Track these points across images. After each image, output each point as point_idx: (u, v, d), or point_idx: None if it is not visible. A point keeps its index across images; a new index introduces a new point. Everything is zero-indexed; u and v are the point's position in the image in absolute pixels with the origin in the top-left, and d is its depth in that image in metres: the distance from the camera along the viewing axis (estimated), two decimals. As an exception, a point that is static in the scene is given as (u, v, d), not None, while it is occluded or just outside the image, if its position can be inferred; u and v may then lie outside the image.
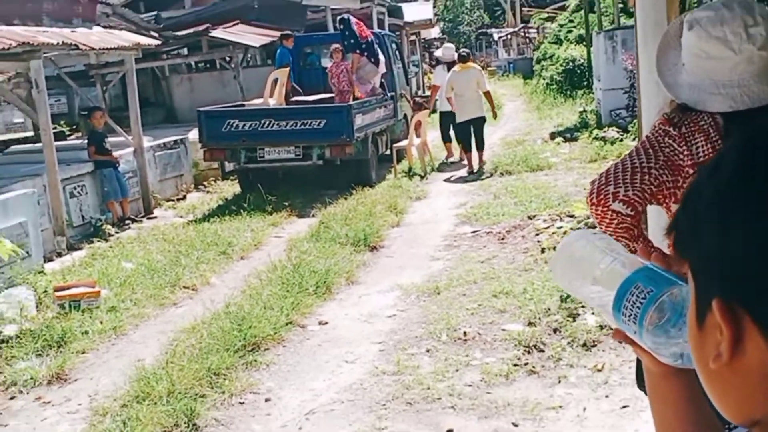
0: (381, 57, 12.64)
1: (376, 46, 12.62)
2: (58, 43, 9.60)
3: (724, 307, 0.70)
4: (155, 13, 17.25)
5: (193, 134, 12.36)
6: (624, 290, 0.98)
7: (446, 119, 13.35)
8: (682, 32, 2.25)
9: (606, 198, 2.21)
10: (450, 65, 13.07)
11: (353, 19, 12.78)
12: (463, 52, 13.12)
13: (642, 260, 1.02)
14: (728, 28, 2.09)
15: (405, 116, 14.31)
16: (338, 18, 13.76)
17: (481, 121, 12.46)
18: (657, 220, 3.15)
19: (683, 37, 2.24)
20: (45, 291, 6.96)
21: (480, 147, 12.50)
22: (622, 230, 2.23)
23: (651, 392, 1.06)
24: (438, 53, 15.22)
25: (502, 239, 8.04)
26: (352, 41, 12.48)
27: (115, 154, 10.45)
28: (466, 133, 12.38)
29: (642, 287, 0.96)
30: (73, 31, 10.83)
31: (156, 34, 14.10)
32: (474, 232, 8.53)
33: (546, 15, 38.14)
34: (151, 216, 10.80)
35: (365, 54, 12.46)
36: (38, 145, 11.19)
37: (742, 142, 0.73)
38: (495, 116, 13.68)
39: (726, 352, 0.71)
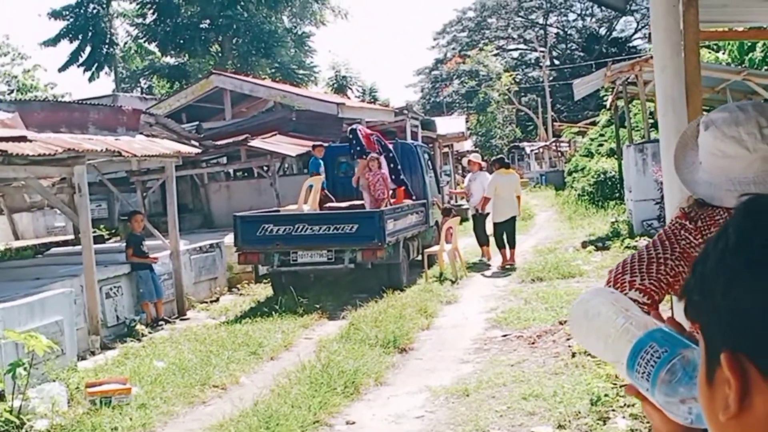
0: (384, 167, 12.98)
1: (383, 156, 13.07)
2: (101, 150, 9.97)
3: (732, 360, 0.76)
4: (197, 123, 17.96)
5: (229, 238, 12.62)
6: (638, 348, 1.04)
7: (480, 222, 14.25)
8: (698, 133, 2.37)
9: (623, 287, 2.26)
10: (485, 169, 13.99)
11: (361, 129, 13.44)
12: (504, 158, 14.14)
13: (655, 322, 1.09)
14: (743, 129, 2.20)
15: (436, 222, 14.51)
16: (349, 128, 14.25)
17: (515, 220, 13.96)
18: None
19: (700, 137, 2.35)
20: (77, 387, 7.03)
21: (513, 245, 13.76)
22: None
23: None
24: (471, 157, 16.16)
25: (533, 343, 8.00)
26: (358, 149, 13.09)
27: (152, 255, 10.70)
28: (503, 231, 13.69)
29: (657, 347, 1.03)
30: (117, 139, 11.27)
31: (196, 143, 14.61)
32: (504, 336, 8.51)
33: (577, 129, 38.86)
34: (185, 317, 10.94)
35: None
36: (78, 247, 11.51)
37: (744, 207, 0.81)
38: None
39: (734, 403, 0.76)
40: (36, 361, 6.99)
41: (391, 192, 13.07)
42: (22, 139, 8.77)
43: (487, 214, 14.03)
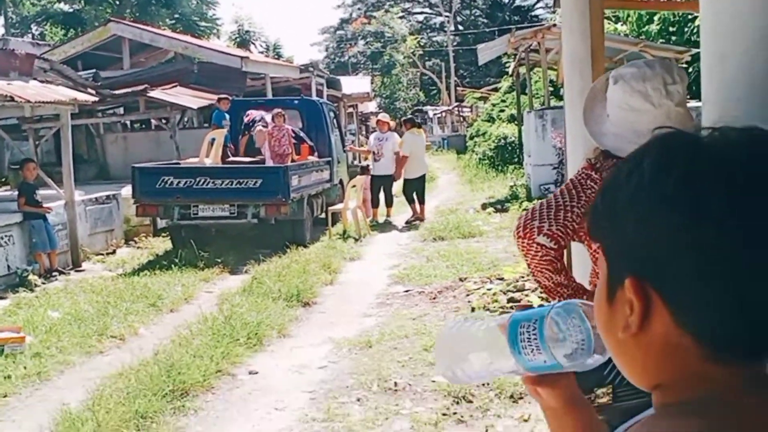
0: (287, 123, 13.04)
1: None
2: (-7, 94, 9.53)
3: (638, 286, 0.81)
4: (93, 71, 17.24)
5: (126, 190, 12.26)
6: (514, 329, 1.08)
7: (389, 183, 14.41)
8: (607, 87, 2.48)
9: (531, 231, 2.35)
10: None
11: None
12: (417, 117, 14.19)
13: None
14: (650, 84, 2.32)
15: (341, 181, 14.52)
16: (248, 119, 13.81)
17: (425, 178, 14.49)
18: (580, 258, 3.33)
19: (609, 91, 2.46)
20: (-35, 337, 6.74)
21: (422, 201, 14.25)
22: (545, 263, 2.38)
23: (555, 428, 1.17)
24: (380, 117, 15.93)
25: (434, 299, 8.18)
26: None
27: (46, 205, 10.30)
28: (414, 188, 14.14)
29: (527, 322, 1.07)
30: (9, 84, 10.75)
31: (93, 92, 14.08)
32: (406, 291, 8.66)
33: (479, 95, 39.43)
34: (80, 269, 10.60)
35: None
36: (-35, 195, 10.97)
37: (660, 143, 0.84)
38: None
39: (635, 323, 0.82)
40: None
41: (294, 148, 12.99)
42: None
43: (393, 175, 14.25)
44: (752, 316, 0.77)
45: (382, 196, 14.36)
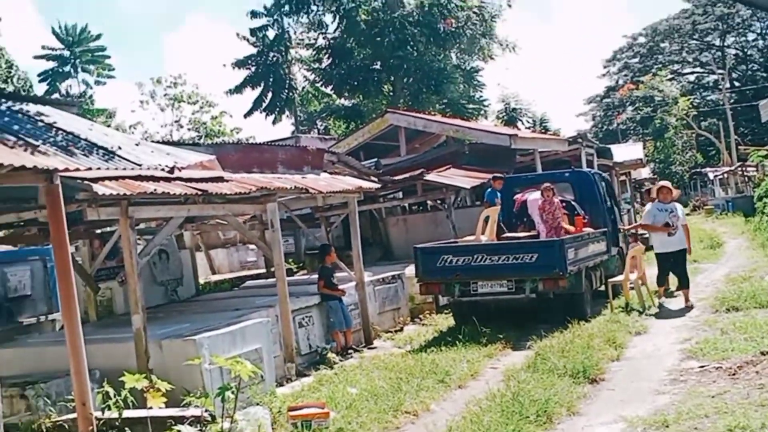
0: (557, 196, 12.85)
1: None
2: (291, 188, 10.58)
3: None
4: (375, 160, 18.58)
5: (409, 270, 12.90)
6: None
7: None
8: None
9: None
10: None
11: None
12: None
13: None
14: None
15: (620, 251, 14.09)
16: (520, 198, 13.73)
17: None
18: None
19: None
20: (279, 411, 7.43)
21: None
22: None
23: None
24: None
25: (734, 374, 7.59)
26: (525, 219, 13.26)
27: (340, 287, 11.16)
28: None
29: None
30: (303, 177, 11.89)
31: (375, 179, 15.12)
32: (702, 367, 8.12)
33: (765, 152, 36.49)
34: (372, 346, 11.31)
35: None
36: (271, 280, 12.19)
37: None
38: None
39: None
40: (241, 385, 7.47)
41: (568, 220, 12.86)
42: (220, 179, 9.49)
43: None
44: None
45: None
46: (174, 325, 9.11)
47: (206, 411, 6.72)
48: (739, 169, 41.67)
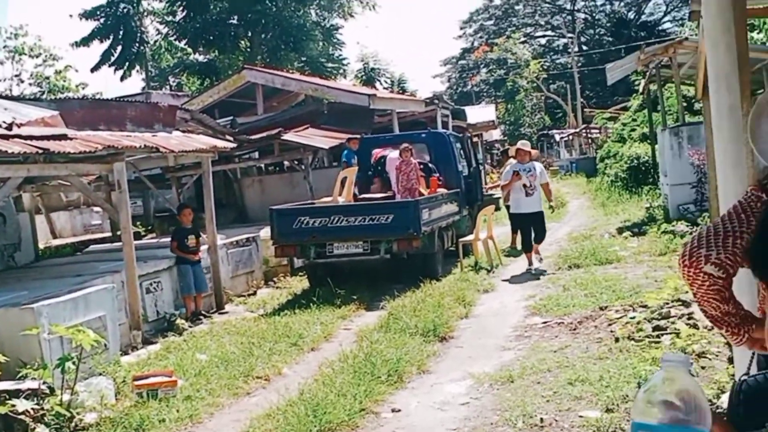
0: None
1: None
2: (141, 147, 10.08)
3: None
4: (231, 118, 18.06)
5: (264, 232, 12.69)
6: None
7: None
8: None
9: (698, 260, 2.22)
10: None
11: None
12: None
13: None
14: None
15: (470, 212, 14.44)
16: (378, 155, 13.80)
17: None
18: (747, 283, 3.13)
19: None
20: (123, 381, 7.13)
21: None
22: (713, 292, 2.24)
23: None
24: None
25: (574, 329, 7.97)
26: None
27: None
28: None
29: None
30: (154, 136, 11.37)
31: (231, 138, 14.70)
32: (545, 322, 8.47)
33: (608, 115, 38.46)
34: (223, 311, 11.04)
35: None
36: (116, 244, 11.65)
37: None
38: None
39: None
40: (83, 355, 7.10)
41: (424, 182, 13.03)
42: (63, 137, 8.90)
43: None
44: None
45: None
46: (10, 293, 8.49)
47: (44, 383, 6.36)
48: (584, 131, 43.75)
